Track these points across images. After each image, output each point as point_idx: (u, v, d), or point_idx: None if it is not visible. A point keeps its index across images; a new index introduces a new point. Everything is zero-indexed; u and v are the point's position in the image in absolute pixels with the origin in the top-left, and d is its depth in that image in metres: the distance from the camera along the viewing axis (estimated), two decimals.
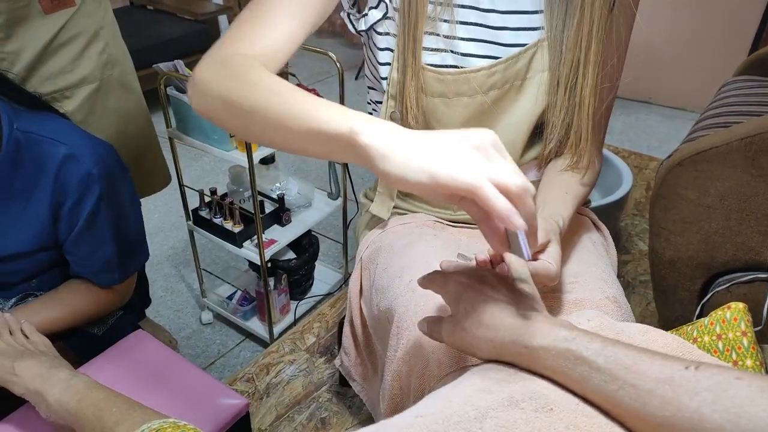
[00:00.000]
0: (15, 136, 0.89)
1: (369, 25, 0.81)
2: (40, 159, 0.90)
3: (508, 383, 0.44)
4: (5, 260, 0.94)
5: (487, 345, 0.49)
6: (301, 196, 1.65)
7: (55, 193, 0.91)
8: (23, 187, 0.91)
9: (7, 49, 1.07)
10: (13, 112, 0.90)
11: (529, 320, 0.47)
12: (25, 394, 0.81)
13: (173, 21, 3.14)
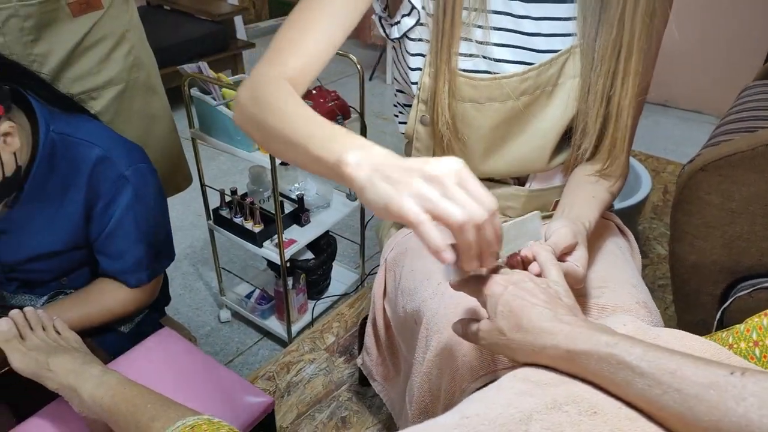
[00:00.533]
0: (51, 138, 0.90)
1: (402, 32, 0.82)
2: (74, 160, 0.92)
3: (550, 386, 0.45)
4: (39, 258, 0.96)
5: (526, 349, 0.50)
6: (320, 197, 1.66)
7: (88, 193, 0.93)
8: (58, 187, 0.93)
9: (36, 51, 1.09)
10: (49, 114, 0.92)
11: (569, 325, 0.48)
12: (58, 389, 0.83)
13: (190, 21, 3.16)
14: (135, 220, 0.98)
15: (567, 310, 0.51)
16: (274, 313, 1.70)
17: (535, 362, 0.50)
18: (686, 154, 2.57)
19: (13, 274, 0.99)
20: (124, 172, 0.94)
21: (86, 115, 1.02)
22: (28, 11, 1.02)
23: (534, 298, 0.52)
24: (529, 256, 0.61)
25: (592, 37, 0.77)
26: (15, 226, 0.94)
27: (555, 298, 0.53)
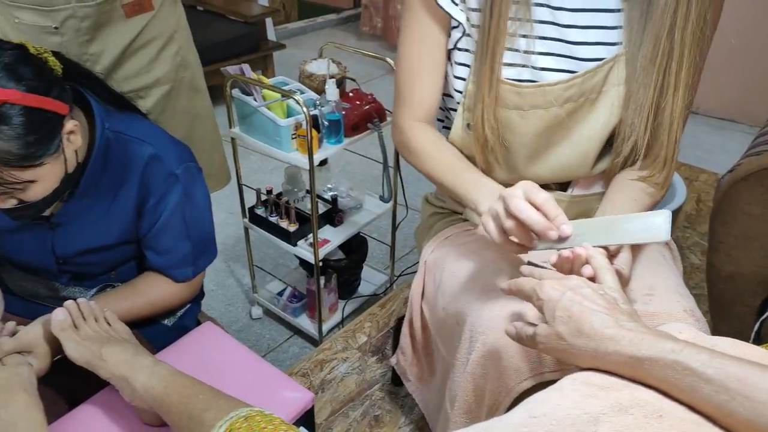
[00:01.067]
0: (106, 136, 0.94)
1: (453, 44, 0.85)
2: (127, 158, 0.95)
3: (613, 390, 0.46)
4: (91, 252, 1.00)
5: (587, 354, 0.51)
6: (353, 198, 1.69)
7: (140, 190, 0.96)
8: (111, 183, 0.96)
9: (90, 51, 1.13)
10: (104, 112, 0.95)
11: (631, 331, 0.49)
12: (110, 378, 0.85)
13: (223, 22, 3.21)
14: (183, 218, 1.01)
15: (627, 317, 0.52)
16: (305, 312, 1.73)
17: (596, 367, 0.51)
18: (718, 163, 2.54)
19: (65, 267, 1.02)
20: (175, 171, 0.97)
21: (138, 113, 1.05)
22: (85, 12, 1.06)
23: (593, 304, 0.53)
24: (582, 255, 0.62)
25: (636, 46, 0.78)
26: (69, 220, 0.97)
27: (613, 304, 0.54)
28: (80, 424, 0.90)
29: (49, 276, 1.05)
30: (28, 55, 0.80)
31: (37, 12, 1.06)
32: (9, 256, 1.04)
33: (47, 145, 0.80)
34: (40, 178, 0.81)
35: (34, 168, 0.79)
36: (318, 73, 1.52)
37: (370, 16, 4.24)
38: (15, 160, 0.76)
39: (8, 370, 0.84)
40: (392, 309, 1.60)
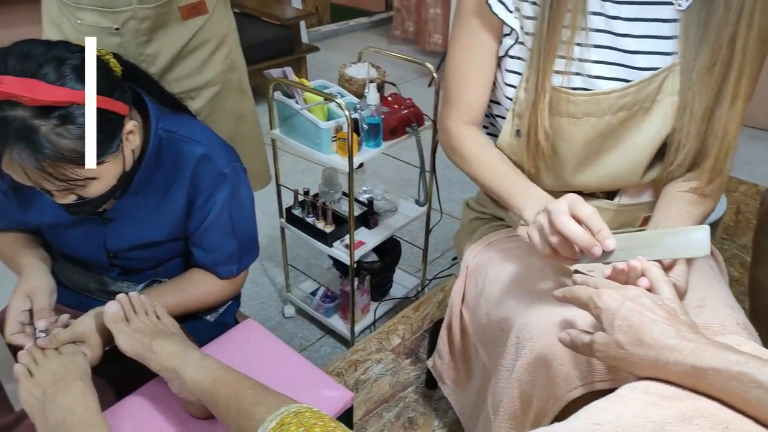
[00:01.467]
0: (159, 135, 0.97)
1: (504, 51, 0.86)
2: (179, 157, 0.98)
3: (674, 400, 0.47)
4: (141, 247, 1.03)
5: (647, 363, 0.51)
6: (388, 202, 1.70)
7: (190, 189, 0.99)
8: (162, 182, 0.99)
9: (147, 52, 1.16)
10: (159, 112, 0.98)
11: (693, 342, 0.49)
12: (160, 370, 0.88)
13: (259, 25, 3.26)
14: (230, 216, 1.04)
15: (688, 328, 0.52)
16: (338, 312, 1.75)
17: (655, 376, 0.51)
18: (758, 175, 2.49)
19: (115, 261, 1.06)
20: (224, 170, 1.00)
21: (189, 114, 1.08)
22: (145, 14, 1.10)
23: (653, 314, 0.53)
24: (637, 268, 0.63)
25: (692, 56, 0.78)
26: (121, 216, 1.01)
27: (673, 314, 0.54)
28: (128, 413, 0.93)
29: (100, 270, 1.08)
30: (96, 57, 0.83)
31: (99, 13, 1.10)
32: (63, 250, 1.08)
33: (109, 144, 0.83)
34: (101, 175, 0.84)
35: (96, 166, 0.82)
36: (357, 77, 1.54)
37: (402, 20, 4.26)
38: (80, 158, 0.79)
39: (65, 358, 0.87)
40: (425, 312, 1.61)
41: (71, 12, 1.12)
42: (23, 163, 0.76)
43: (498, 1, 0.82)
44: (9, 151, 0.75)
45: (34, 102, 0.73)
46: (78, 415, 0.78)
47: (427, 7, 4.00)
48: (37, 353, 0.87)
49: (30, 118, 0.74)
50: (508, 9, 0.82)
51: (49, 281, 0.98)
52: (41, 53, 0.77)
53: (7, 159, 0.76)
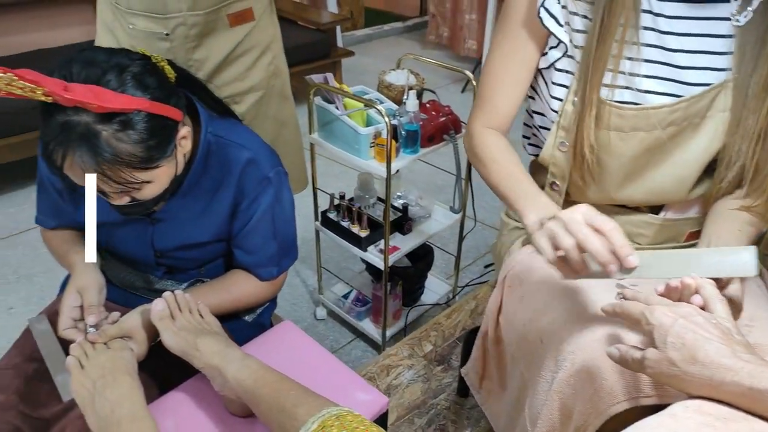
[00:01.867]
0: (208, 140, 1.00)
1: (549, 63, 0.86)
2: (227, 161, 1.01)
3: (729, 421, 0.46)
4: (187, 248, 1.06)
5: (701, 382, 0.51)
6: (422, 208, 1.71)
7: (235, 192, 1.02)
8: (210, 184, 1.02)
9: (195, 57, 1.20)
10: (208, 117, 1.01)
11: (750, 363, 0.49)
12: (203, 368, 0.91)
13: (295, 29, 3.31)
14: (272, 219, 1.06)
15: (743, 348, 0.52)
16: (369, 316, 1.76)
17: (708, 395, 0.51)
18: None
19: (162, 260, 1.09)
20: (268, 174, 1.03)
21: (235, 119, 1.11)
22: (195, 20, 1.13)
23: (707, 333, 0.53)
24: (691, 285, 0.62)
25: (748, 72, 0.77)
26: (169, 217, 1.04)
27: (728, 334, 0.54)
28: (170, 408, 0.95)
29: (146, 268, 1.12)
30: (153, 66, 0.86)
31: (151, 19, 1.13)
32: (112, 249, 1.12)
33: (164, 149, 0.86)
34: (155, 178, 0.87)
35: (151, 170, 0.85)
36: (397, 84, 1.55)
37: (437, 25, 4.27)
38: (137, 162, 0.82)
39: (113, 353, 0.90)
40: (458, 320, 1.61)
41: (124, 17, 1.16)
42: (84, 166, 0.79)
43: (549, 14, 0.82)
44: (72, 154, 0.78)
45: (100, 109, 0.77)
46: (126, 408, 0.81)
47: (463, 12, 4.00)
48: (87, 347, 0.91)
49: (93, 123, 0.78)
50: (558, 22, 0.82)
51: (99, 279, 1.02)
52: (104, 60, 0.80)
53: (70, 161, 0.79)
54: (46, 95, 0.75)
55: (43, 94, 0.75)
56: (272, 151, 1.07)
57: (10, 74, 0.72)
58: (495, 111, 0.95)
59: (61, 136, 0.78)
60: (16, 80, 0.73)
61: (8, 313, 1.87)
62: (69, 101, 0.75)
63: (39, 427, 0.96)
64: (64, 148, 0.78)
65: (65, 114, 0.77)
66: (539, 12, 0.83)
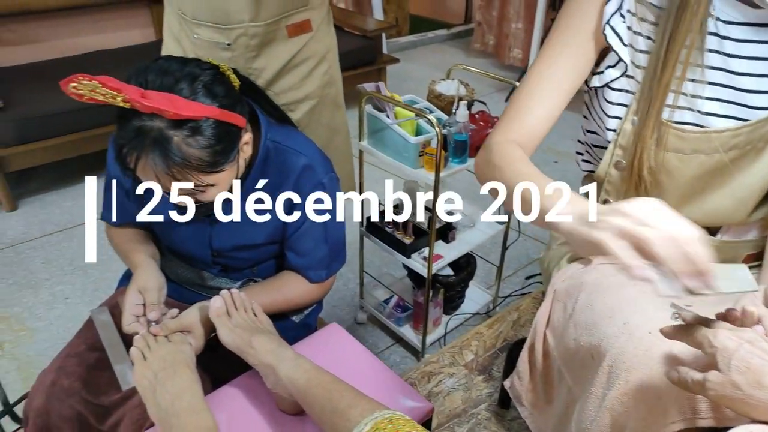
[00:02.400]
0: (266, 145, 1.04)
1: (604, 83, 0.86)
2: (284, 166, 1.04)
3: None
4: (242, 248, 1.10)
5: (766, 407, 0.51)
6: (467, 217, 1.72)
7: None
8: (266, 189, 1.06)
9: (254, 66, 1.24)
10: (268, 124, 1.05)
11: None
12: (257, 365, 0.94)
13: (342, 35, 3.35)
14: (324, 223, 1.09)
15: None
16: (410, 322, 1.77)
17: None
18: None
19: (218, 259, 1.13)
20: (323, 180, 1.06)
21: (292, 126, 1.15)
22: (255, 31, 1.18)
23: None
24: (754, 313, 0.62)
25: None
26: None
27: None
28: (223, 403, 0.99)
29: (203, 266, 1.16)
30: (221, 75, 0.91)
31: (215, 29, 1.19)
32: (171, 247, 1.17)
33: (229, 154, 0.90)
34: (219, 182, 0.91)
35: (216, 173, 0.89)
36: (447, 94, 1.57)
37: (482, 33, 4.27)
38: (204, 166, 0.86)
39: (174, 346, 0.94)
40: (499, 330, 1.61)
41: (190, 27, 1.22)
42: (156, 168, 0.84)
43: (614, 32, 0.82)
44: (145, 157, 0.83)
45: (175, 116, 0.81)
46: (185, 401, 0.84)
47: (509, 21, 3.99)
48: (150, 339, 0.95)
49: (165, 128, 0.82)
50: (622, 42, 0.83)
51: (160, 278, 1.06)
52: (177, 70, 0.85)
53: (142, 164, 0.84)
54: (125, 102, 0.80)
55: (122, 100, 0.80)
56: (325, 157, 1.10)
57: (95, 82, 0.78)
58: (523, 128, 0.88)
59: (136, 140, 0.83)
60: (99, 87, 0.78)
61: (64, 303, 1.96)
62: (146, 108, 0.80)
63: (99, 413, 1.01)
64: (138, 152, 0.83)
65: (140, 119, 0.82)
66: (604, 29, 0.83)
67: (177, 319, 1.00)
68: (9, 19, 2.72)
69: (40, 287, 2.01)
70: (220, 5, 1.17)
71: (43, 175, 2.66)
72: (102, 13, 3.00)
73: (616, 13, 0.83)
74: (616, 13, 0.83)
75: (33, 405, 1.00)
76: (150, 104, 0.79)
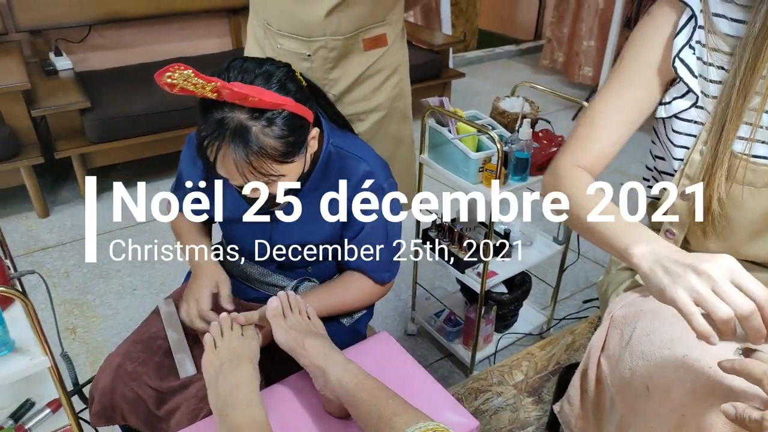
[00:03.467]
0: (329, 149, 1.08)
1: (672, 113, 0.85)
2: (345, 170, 1.08)
3: None
4: (300, 247, 1.14)
5: None
6: (525, 235, 1.70)
7: (351, 200, 1.08)
8: (327, 190, 1.09)
9: (330, 76, 1.30)
10: (330, 129, 1.09)
11: None
12: (308, 366, 0.97)
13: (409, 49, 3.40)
14: (385, 226, 1.12)
15: None
16: (460, 337, 1.77)
17: None
18: None
19: (276, 257, 1.17)
20: (383, 185, 1.09)
21: (352, 132, 1.18)
22: (334, 44, 1.23)
23: None
24: None
25: None
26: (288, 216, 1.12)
27: None
28: (273, 401, 1.02)
29: (261, 263, 1.21)
30: (293, 73, 0.96)
31: (297, 40, 1.25)
32: (233, 241, 1.22)
33: (300, 146, 0.95)
34: (288, 173, 0.96)
35: (287, 164, 0.94)
36: (511, 111, 1.56)
37: (552, 50, 4.21)
38: (278, 155, 0.91)
39: (244, 341, 0.98)
40: (552, 353, 1.58)
41: (274, 37, 1.29)
42: (236, 157, 0.89)
43: (683, 64, 0.81)
44: (226, 147, 0.89)
45: (260, 103, 0.86)
46: (243, 393, 0.88)
47: (581, 38, 3.92)
48: (226, 328, 0.99)
49: (245, 119, 0.88)
50: (693, 73, 0.81)
51: (227, 277, 1.12)
52: (255, 67, 0.91)
53: (223, 153, 0.90)
54: (213, 91, 0.86)
55: (210, 90, 0.85)
56: (385, 164, 1.13)
57: (189, 71, 0.83)
58: (590, 152, 0.89)
59: (218, 131, 0.88)
60: (192, 77, 0.84)
61: (132, 294, 2.08)
62: (234, 95, 0.85)
63: (157, 398, 1.07)
64: (220, 141, 0.89)
65: (222, 111, 0.88)
66: (674, 62, 0.81)
67: (253, 313, 1.04)
68: (101, 25, 2.92)
69: (112, 278, 2.14)
70: (305, 19, 1.24)
71: (120, 172, 2.83)
72: (184, 21, 3.18)
73: (686, 45, 0.81)
74: (686, 45, 0.82)
75: (99, 385, 1.07)
76: (239, 90, 0.84)
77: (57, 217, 2.52)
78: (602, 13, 3.76)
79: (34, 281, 1.93)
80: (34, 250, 2.32)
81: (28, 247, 2.33)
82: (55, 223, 2.49)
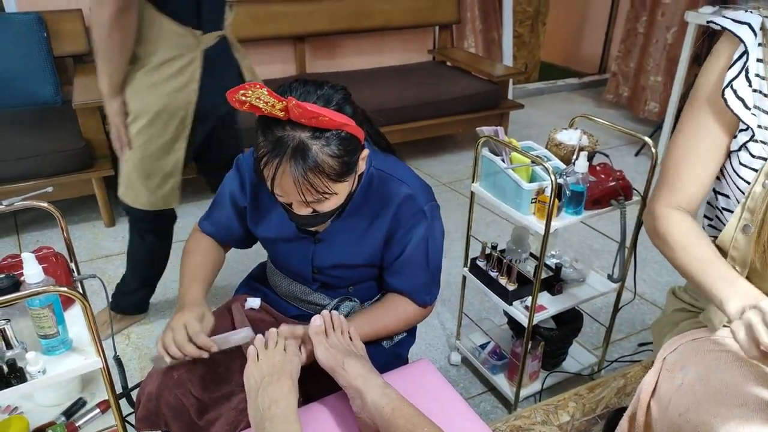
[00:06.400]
0: (371, 172, 1.09)
1: (739, 146, 0.84)
2: (386, 193, 1.09)
3: None
4: (342, 267, 1.15)
5: None
6: (576, 271, 1.65)
7: (392, 222, 1.09)
8: (369, 211, 1.10)
9: None
10: (373, 152, 1.11)
11: None
12: (346, 387, 0.97)
13: (468, 78, 3.42)
14: (426, 249, 1.12)
15: None
16: (504, 372, 1.72)
17: None
18: None
19: (318, 276, 1.19)
20: (424, 208, 1.09)
21: (395, 156, 1.19)
22: None
23: None
24: None
25: None
26: (330, 237, 1.14)
27: None
28: (309, 419, 1.02)
29: (303, 281, 1.23)
30: (350, 95, 0.98)
31: None
32: (276, 261, 1.25)
33: (353, 166, 0.97)
34: (340, 191, 0.98)
35: (339, 183, 0.96)
36: (567, 143, 1.53)
37: (617, 84, 4.12)
38: (333, 174, 0.93)
39: (285, 356, 0.99)
40: (601, 396, 1.50)
41: None
42: (295, 174, 0.91)
43: (735, 97, 0.79)
44: (286, 163, 0.91)
45: (328, 123, 0.89)
46: (281, 408, 0.89)
47: (648, 73, 3.82)
48: (271, 342, 1.00)
49: (305, 138, 0.90)
50: (746, 106, 0.79)
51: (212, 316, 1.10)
52: (317, 89, 0.94)
53: (282, 170, 0.91)
54: (281, 110, 0.89)
55: (279, 108, 0.88)
56: (427, 186, 1.13)
57: (264, 90, 0.87)
58: (682, 191, 0.93)
59: (278, 148, 0.91)
60: (265, 95, 0.87)
61: None
62: (302, 113, 0.87)
63: (199, 408, 1.09)
64: (280, 158, 0.91)
65: (284, 129, 0.91)
66: (724, 93, 0.80)
67: (297, 327, 1.05)
68: None
69: (168, 287, 2.22)
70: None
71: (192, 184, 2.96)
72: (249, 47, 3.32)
73: (739, 76, 0.81)
74: (739, 76, 0.81)
75: (146, 389, 1.10)
76: (312, 110, 0.87)
77: (122, 228, 2.65)
78: (670, 48, 3.67)
79: (96, 286, 2.04)
80: (98, 257, 2.44)
81: (93, 254, 2.46)
82: (119, 232, 2.62)
